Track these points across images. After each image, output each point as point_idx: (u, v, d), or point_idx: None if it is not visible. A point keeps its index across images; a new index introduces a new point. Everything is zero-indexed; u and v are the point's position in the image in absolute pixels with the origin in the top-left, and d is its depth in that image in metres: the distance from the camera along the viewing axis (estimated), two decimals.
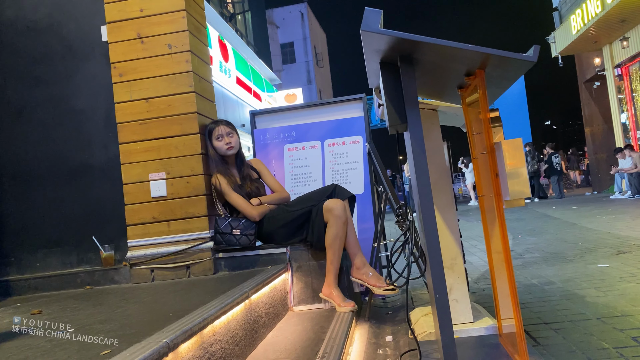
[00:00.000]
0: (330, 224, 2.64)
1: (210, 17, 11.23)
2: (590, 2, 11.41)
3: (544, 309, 2.86)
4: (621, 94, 13.48)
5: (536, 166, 14.19)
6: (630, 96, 13.15)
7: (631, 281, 3.25)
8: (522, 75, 1.77)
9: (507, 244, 1.71)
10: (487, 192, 1.90)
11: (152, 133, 2.87)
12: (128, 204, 2.87)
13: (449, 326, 1.67)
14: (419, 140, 1.71)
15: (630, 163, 11.39)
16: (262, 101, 16.56)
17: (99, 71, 3.01)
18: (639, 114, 12.91)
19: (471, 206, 14.77)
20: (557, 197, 13.91)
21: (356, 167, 3.67)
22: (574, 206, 10.32)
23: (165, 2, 2.88)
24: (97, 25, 3.01)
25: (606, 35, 12.56)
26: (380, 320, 2.91)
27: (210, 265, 2.79)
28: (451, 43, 1.55)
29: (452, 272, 2.35)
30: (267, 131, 3.82)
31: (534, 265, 4.21)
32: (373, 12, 1.58)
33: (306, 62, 32.66)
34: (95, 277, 2.89)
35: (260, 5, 19.98)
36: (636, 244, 4.64)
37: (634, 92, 13.01)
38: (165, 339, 1.33)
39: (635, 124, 13.11)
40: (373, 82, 2.18)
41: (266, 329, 2.26)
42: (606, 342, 2.22)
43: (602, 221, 6.93)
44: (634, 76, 12.94)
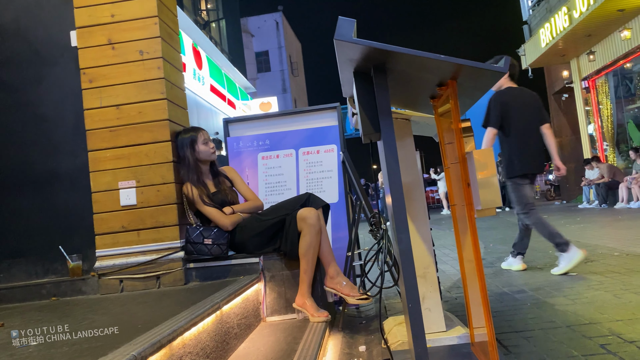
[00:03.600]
0: (304, 233, 2.62)
1: (184, 24, 11.15)
2: (559, 16, 11.73)
3: (515, 317, 2.89)
4: (588, 106, 13.88)
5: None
6: (596, 108, 13.54)
7: (599, 289, 3.31)
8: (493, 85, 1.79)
9: (478, 252, 1.72)
10: (459, 202, 1.91)
11: (122, 140, 2.82)
12: (97, 212, 2.81)
13: (421, 335, 1.67)
14: (392, 149, 1.72)
15: (597, 174, 11.71)
16: (237, 109, 16.47)
17: (67, 77, 2.94)
18: (605, 125, 13.29)
19: (443, 215, 14.93)
20: None
21: (330, 176, 3.66)
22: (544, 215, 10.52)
23: (137, 8, 2.84)
24: (66, 30, 2.95)
25: (573, 49, 12.93)
26: (353, 330, 2.90)
27: (181, 276, 2.74)
28: (423, 53, 1.56)
29: (424, 280, 2.35)
30: (241, 139, 3.79)
31: (506, 274, 4.26)
32: (346, 21, 1.58)
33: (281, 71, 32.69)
34: (62, 288, 2.80)
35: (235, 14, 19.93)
36: (603, 253, 4.74)
37: (600, 105, 13.40)
38: (133, 351, 1.29)
39: (601, 135, 13.49)
40: (347, 92, 2.18)
41: (238, 341, 2.23)
42: (575, 350, 2.25)
43: (571, 230, 7.08)
44: (600, 89, 13.34)
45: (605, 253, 4.72)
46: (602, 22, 10.90)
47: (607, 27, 11.31)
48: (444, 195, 16.31)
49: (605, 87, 13.17)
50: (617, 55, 11.75)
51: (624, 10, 10.24)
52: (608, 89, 13.09)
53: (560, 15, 11.60)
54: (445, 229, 9.53)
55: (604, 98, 13.22)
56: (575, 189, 14.20)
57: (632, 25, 10.81)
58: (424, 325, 1.68)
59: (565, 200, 15.05)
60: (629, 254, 4.51)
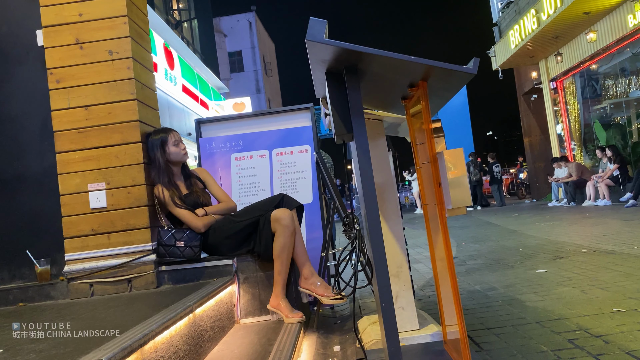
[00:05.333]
0: (278, 234, 2.61)
1: (155, 24, 11.00)
2: (527, 19, 11.98)
3: (487, 315, 2.94)
4: (556, 107, 14.20)
5: (478, 175, 14.71)
6: (564, 109, 13.87)
7: (567, 285, 3.39)
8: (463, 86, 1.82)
9: (450, 251, 1.74)
10: (430, 201, 1.93)
11: (91, 142, 2.76)
12: (65, 215, 2.74)
13: (395, 334, 1.68)
14: (365, 149, 1.72)
15: (566, 172, 11.99)
16: (210, 110, 16.33)
17: (33, 77, 2.86)
18: (573, 125, 13.62)
19: (417, 214, 15.08)
20: (498, 205, 14.44)
21: (305, 177, 3.66)
22: (514, 214, 10.73)
23: (105, 7, 2.79)
24: (32, 29, 2.87)
25: (542, 51, 13.21)
26: (328, 330, 2.90)
27: (152, 279, 2.70)
28: (394, 54, 1.57)
29: (398, 279, 2.37)
30: (214, 140, 3.76)
31: (477, 272, 4.32)
32: (318, 22, 1.58)
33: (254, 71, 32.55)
34: (30, 294, 2.73)
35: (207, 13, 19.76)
36: (572, 250, 4.86)
37: (568, 105, 13.73)
38: (103, 357, 1.27)
39: (569, 134, 13.82)
40: (320, 92, 2.18)
41: (211, 344, 2.21)
42: (545, 345, 2.30)
43: (541, 228, 7.23)
44: (568, 90, 13.66)
45: (573, 250, 4.83)
46: (569, 24, 11.18)
47: (573, 29, 11.60)
48: (417, 195, 16.48)
49: (572, 87, 13.50)
50: (583, 57, 12.06)
51: (589, 12, 10.52)
52: (575, 90, 13.43)
53: (529, 17, 11.85)
54: (419, 228, 9.63)
55: (571, 98, 13.55)
56: (545, 188, 14.52)
57: (598, 27, 11.11)
58: (397, 324, 1.69)
59: (535, 198, 15.37)
60: (595, 251, 4.63)
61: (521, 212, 11.10)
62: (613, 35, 10.68)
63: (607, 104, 12.61)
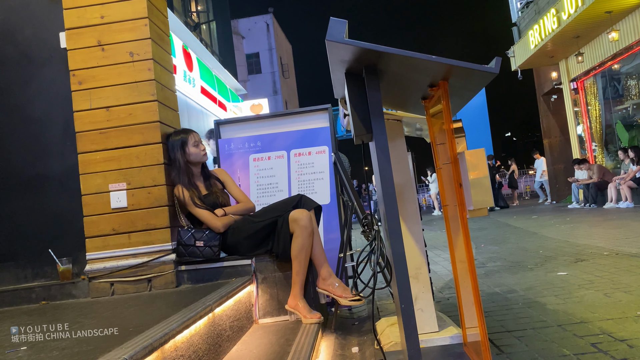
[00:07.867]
0: (296, 235, 2.62)
1: (174, 26, 11.10)
2: (547, 18, 11.81)
3: (507, 317, 2.90)
4: (577, 107, 13.98)
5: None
6: (585, 109, 13.65)
7: (589, 288, 3.33)
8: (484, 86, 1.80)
9: (471, 253, 1.72)
10: (451, 202, 1.92)
11: (112, 142, 2.79)
12: (87, 215, 2.78)
13: (414, 336, 1.67)
14: (384, 150, 1.72)
15: (586, 174, 11.80)
16: (228, 111, 16.42)
17: (56, 79, 2.91)
18: (594, 126, 13.40)
19: (435, 216, 14.98)
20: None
21: (322, 177, 3.66)
22: (534, 215, 10.60)
23: (127, 9, 2.82)
24: (55, 31, 2.92)
25: (562, 51, 13.02)
26: (346, 331, 2.90)
27: (172, 278, 2.72)
28: (414, 54, 1.56)
29: (417, 281, 2.36)
30: (232, 141, 3.78)
31: (497, 274, 4.28)
32: (338, 22, 1.58)
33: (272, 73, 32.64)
34: (52, 292, 2.77)
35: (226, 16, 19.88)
36: (593, 252, 4.78)
37: (588, 106, 13.51)
38: (124, 355, 1.28)
39: (590, 136, 13.60)
40: (338, 93, 2.18)
41: (230, 343, 2.22)
42: (567, 349, 2.26)
43: (561, 230, 7.13)
44: (589, 90, 13.44)
45: (595, 252, 4.75)
46: (590, 23, 11.00)
47: (595, 29, 11.40)
48: (435, 197, 16.38)
49: (593, 88, 13.28)
50: (605, 57, 11.85)
51: (611, 12, 10.34)
52: (596, 90, 13.21)
53: (549, 17, 11.68)
54: (437, 229, 9.56)
55: (592, 99, 13.33)
56: (565, 190, 14.30)
57: (620, 26, 10.91)
58: (416, 326, 1.68)
59: (555, 200, 15.15)
60: (618, 253, 4.55)
61: (541, 214, 10.95)
62: (636, 35, 10.48)
63: (630, 105, 12.37)
